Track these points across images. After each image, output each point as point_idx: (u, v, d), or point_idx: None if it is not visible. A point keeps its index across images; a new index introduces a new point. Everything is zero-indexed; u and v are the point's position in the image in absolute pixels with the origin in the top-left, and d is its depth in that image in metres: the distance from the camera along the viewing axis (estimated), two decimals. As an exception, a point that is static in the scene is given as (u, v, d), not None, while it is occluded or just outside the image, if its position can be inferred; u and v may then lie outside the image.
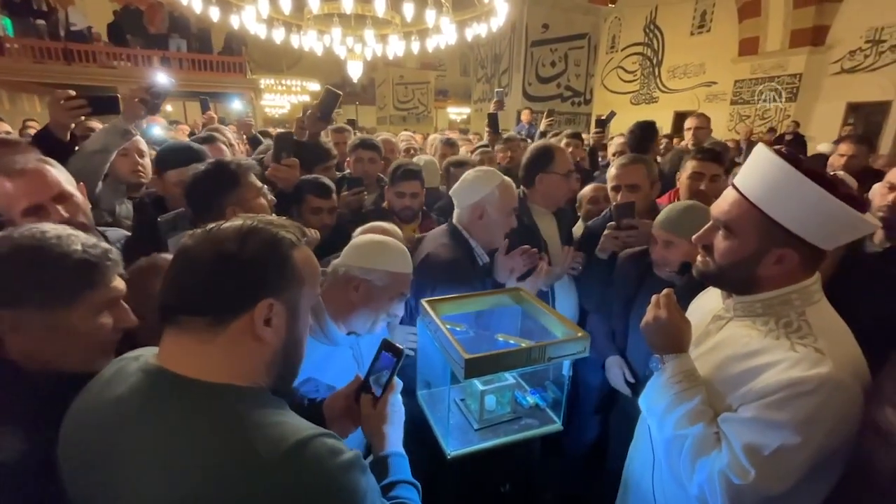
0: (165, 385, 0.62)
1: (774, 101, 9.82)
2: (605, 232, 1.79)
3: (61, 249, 0.82)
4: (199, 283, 0.63)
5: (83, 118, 1.80)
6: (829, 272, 1.33)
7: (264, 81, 14.24)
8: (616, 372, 1.65)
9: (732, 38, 11.30)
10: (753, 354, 0.90)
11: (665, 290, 1.05)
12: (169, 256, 1.05)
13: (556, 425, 1.39)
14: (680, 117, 12.03)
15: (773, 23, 10.33)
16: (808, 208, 0.82)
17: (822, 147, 2.95)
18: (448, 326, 1.28)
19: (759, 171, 0.88)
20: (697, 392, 0.95)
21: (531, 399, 1.46)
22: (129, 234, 1.63)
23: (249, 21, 5.40)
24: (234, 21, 5.61)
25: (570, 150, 3.05)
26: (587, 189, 2.49)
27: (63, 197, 1.29)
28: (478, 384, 1.34)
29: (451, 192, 1.75)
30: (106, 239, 1.37)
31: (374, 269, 1.23)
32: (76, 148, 1.73)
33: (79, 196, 1.35)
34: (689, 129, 3.51)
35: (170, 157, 1.75)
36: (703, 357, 1.02)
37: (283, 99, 14.96)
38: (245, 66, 12.51)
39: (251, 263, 0.64)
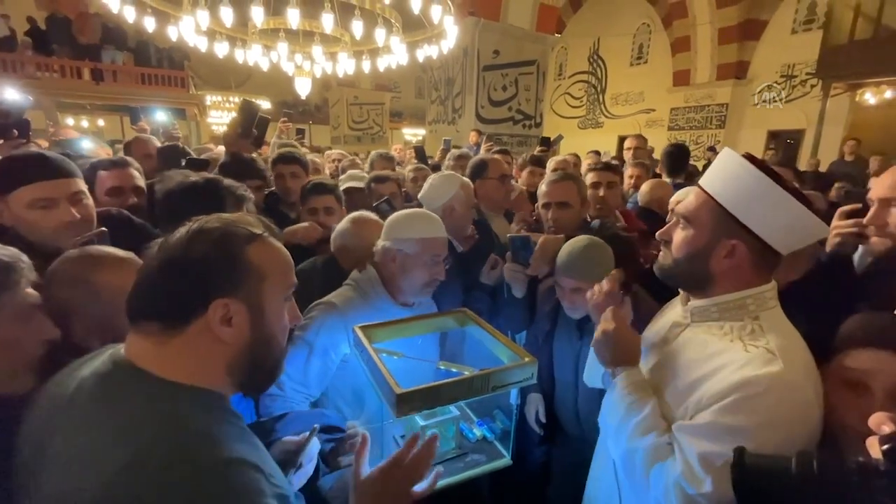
0: (122, 373, 0.63)
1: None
2: (506, 265, 1.69)
3: None
4: (148, 290, 0.64)
5: None
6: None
7: (211, 98, 13.69)
8: (530, 409, 1.63)
9: (667, 69, 12.22)
10: (708, 358, 0.90)
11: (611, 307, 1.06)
12: (105, 248, 1.03)
13: (505, 459, 1.27)
14: (623, 141, 12.76)
15: (701, 57, 11.29)
16: (761, 201, 0.87)
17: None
18: (383, 354, 1.15)
19: (722, 170, 0.94)
20: (647, 402, 0.95)
21: (478, 431, 1.34)
22: None
23: (188, 33, 5.13)
24: (172, 33, 5.32)
25: (535, 178, 3.14)
26: None
27: None
28: (418, 419, 1.21)
29: (419, 198, 1.96)
30: None
31: (403, 238, 1.36)
32: None
33: None
34: (629, 148, 3.72)
35: (15, 171, 1.25)
36: (661, 364, 1.01)
37: (230, 116, 14.45)
38: (188, 81, 11.98)
39: (197, 266, 0.63)
